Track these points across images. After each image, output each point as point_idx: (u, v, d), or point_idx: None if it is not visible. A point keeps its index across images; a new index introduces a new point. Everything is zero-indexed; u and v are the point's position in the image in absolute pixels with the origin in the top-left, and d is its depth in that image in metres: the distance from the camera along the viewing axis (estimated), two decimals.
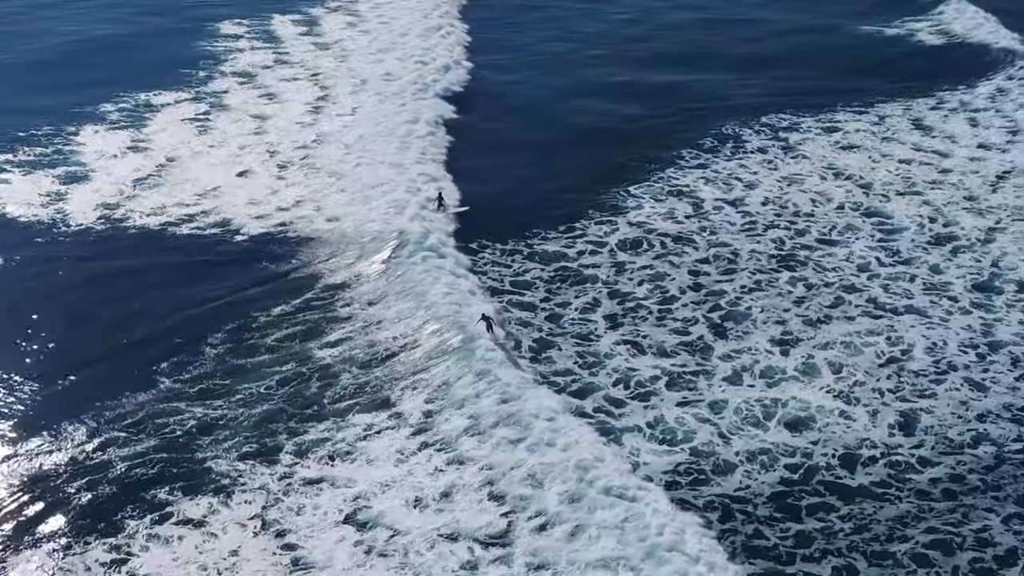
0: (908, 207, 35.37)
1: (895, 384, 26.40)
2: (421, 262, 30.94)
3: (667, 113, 42.81)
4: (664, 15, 56.53)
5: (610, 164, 37.91)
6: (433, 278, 30.01)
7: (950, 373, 26.86)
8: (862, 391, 26.07)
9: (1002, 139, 40.36)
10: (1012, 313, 29.45)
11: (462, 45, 50.71)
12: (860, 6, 57.09)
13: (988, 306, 29.78)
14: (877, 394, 25.97)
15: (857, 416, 25.15)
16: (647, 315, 29.29)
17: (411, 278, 30.25)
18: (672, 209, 35.18)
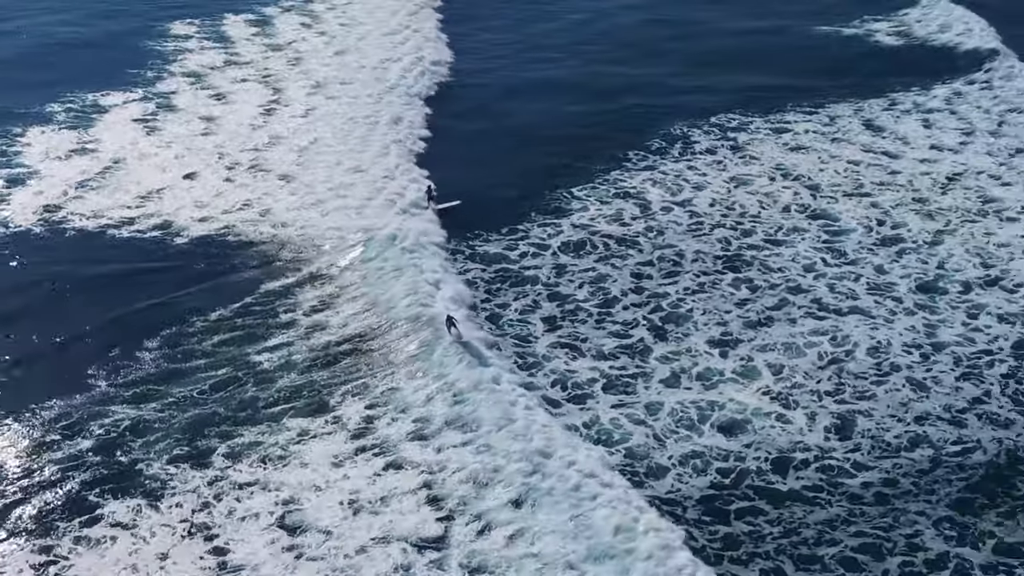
0: (856, 208, 35.61)
1: (835, 386, 26.63)
2: (370, 265, 30.98)
3: (615, 114, 43.01)
4: (616, 16, 56.52)
5: (555, 165, 38.15)
6: (381, 281, 30.09)
7: (892, 374, 27.16)
8: (801, 393, 26.29)
9: (954, 141, 40.65)
10: (956, 314, 29.74)
11: (419, 49, 50.26)
12: (817, 6, 57.08)
13: (932, 307, 30.08)
14: (816, 396, 26.21)
15: (794, 419, 25.38)
16: (587, 317, 29.43)
17: (359, 281, 30.30)
18: (618, 211, 35.31)
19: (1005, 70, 46.87)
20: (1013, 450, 24.55)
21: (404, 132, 40.59)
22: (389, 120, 41.63)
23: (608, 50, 51.34)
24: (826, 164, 38.87)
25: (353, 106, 43.20)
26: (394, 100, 43.72)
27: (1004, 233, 34.02)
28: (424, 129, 41.29)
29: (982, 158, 39.26)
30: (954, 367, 27.43)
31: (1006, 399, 26.29)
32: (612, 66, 48.93)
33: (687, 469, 23.77)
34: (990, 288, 31.07)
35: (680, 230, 34.15)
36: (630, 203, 35.91)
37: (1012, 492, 23.20)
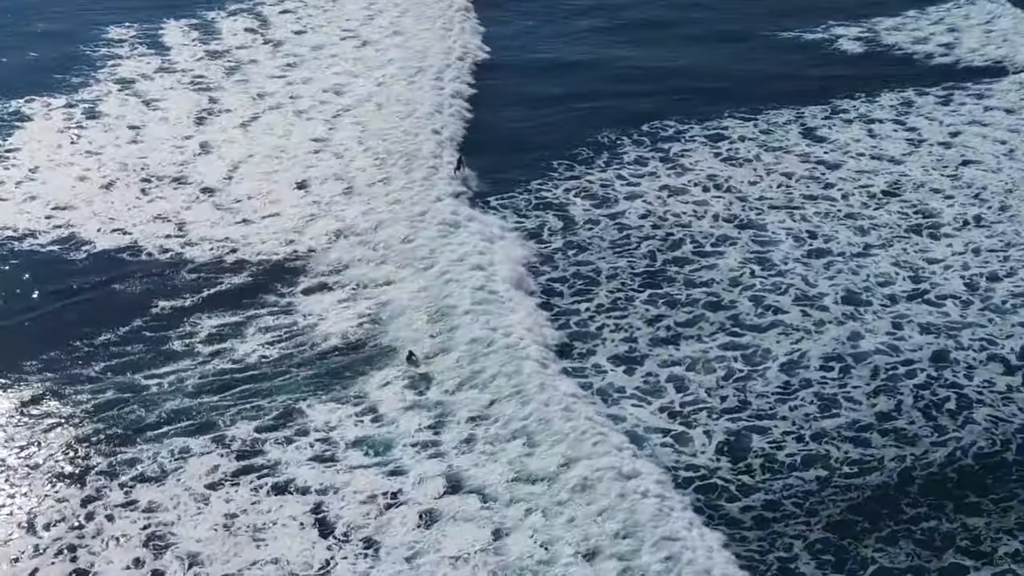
0: (786, 220, 35.79)
1: (739, 403, 26.82)
2: (287, 287, 31.44)
3: (540, 121, 43.46)
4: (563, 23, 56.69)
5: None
6: (295, 304, 30.65)
7: (802, 390, 27.40)
8: (701, 411, 26.52)
9: (898, 151, 40.89)
10: (879, 324, 29.98)
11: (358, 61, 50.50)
12: (783, 8, 57.49)
13: (859, 319, 30.37)
14: (715, 415, 26.43)
15: (689, 438, 25.61)
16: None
17: (273, 303, 30.77)
18: (540, 224, 35.65)
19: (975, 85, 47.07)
20: (910, 468, 24.75)
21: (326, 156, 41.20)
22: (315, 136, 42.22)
23: (541, 56, 51.81)
24: (760, 175, 39.11)
25: (292, 117, 43.73)
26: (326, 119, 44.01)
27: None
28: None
29: (926, 170, 39.60)
30: (870, 381, 27.71)
31: (917, 413, 26.57)
32: (541, 71, 49.65)
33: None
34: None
35: (603, 245, 34.44)
36: (551, 216, 36.23)
37: (898, 515, 23.35)
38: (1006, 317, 30.67)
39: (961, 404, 27.07)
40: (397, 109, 44.29)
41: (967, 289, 32.11)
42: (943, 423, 26.37)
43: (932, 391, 27.46)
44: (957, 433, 25.99)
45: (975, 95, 46.25)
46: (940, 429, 26.16)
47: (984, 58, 50.21)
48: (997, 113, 44.40)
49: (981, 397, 27.38)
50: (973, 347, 29.34)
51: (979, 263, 33.53)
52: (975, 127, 43.16)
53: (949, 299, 31.58)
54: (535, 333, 29.11)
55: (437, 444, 25.24)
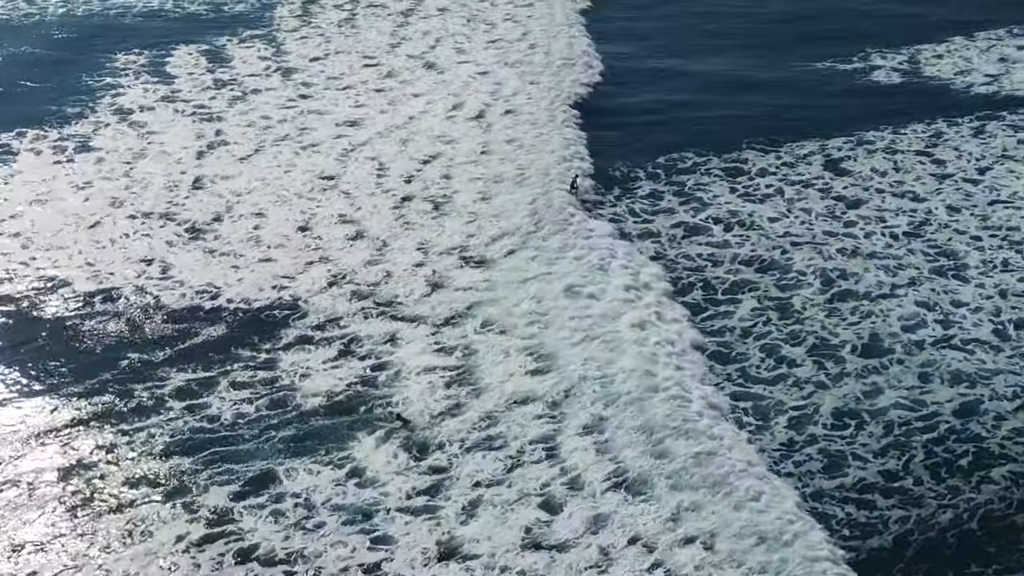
0: (808, 260, 34.90)
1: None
2: (270, 339, 30.38)
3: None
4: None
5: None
6: (278, 359, 29.72)
7: (807, 447, 26.54)
8: None
9: (923, 188, 39.74)
10: (901, 374, 29.12)
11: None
12: (819, 35, 55.86)
13: (880, 370, 29.62)
14: None
15: None
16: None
17: (252, 357, 29.73)
18: None
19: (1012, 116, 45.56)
20: (910, 532, 23.96)
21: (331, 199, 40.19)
22: (320, 173, 41.24)
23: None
24: (781, 211, 38.04)
25: (299, 152, 42.67)
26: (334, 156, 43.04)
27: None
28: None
29: (952, 208, 38.31)
30: (883, 436, 26.83)
31: (926, 471, 25.72)
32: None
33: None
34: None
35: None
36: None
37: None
38: None
39: (980, 460, 26.09)
40: (421, 146, 42.91)
41: (997, 335, 30.90)
42: (954, 483, 25.41)
43: (947, 447, 26.51)
44: (970, 493, 25.04)
45: (1011, 126, 44.69)
46: (952, 489, 25.20)
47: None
48: None
49: (1005, 451, 26.36)
50: (1005, 395, 28.34)
51: (1009, 308, 32.31)
52: (1008, 162, 41.66)
53: (977, 345, 30.47)
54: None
55: (434, 510, 24.38)
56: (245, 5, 61.04)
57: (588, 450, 25.99)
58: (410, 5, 60.56)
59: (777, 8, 60.66)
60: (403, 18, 58.60)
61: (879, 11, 59.09)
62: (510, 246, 35.21)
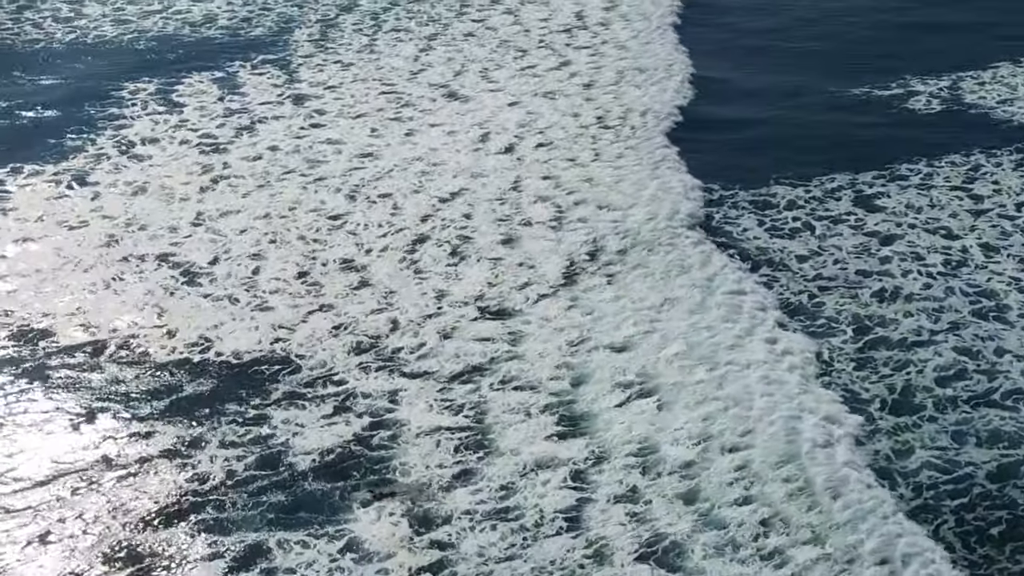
0: (839, 304, 33.13)
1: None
2: (262, 394, 28.94)
3: None
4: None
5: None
6: (270, 415, 28.33)
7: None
8: None
9: (958, 224, 37.83)
10: (934, 432, 27.46)
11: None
12: (859, 59, 53.98)
13: (911, 429, 27.72)
14: None
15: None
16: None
17: (241, 413, 28.36)
18: None
19: None
20: None
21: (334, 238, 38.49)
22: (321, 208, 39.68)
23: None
24: (811, 248, 36.46)
25: (314, 190, 41.15)
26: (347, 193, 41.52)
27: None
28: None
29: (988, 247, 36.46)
30: (910, 501, 25.26)
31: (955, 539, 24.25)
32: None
33: None
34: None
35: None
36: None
37: None
38: None
39: (1015, 528, 24.43)
40: (441, 184, 41.12)
41: None
42: (986, 551, 23.84)
43: (979, 513, 24.89)
44: (1005, 563, 23.53)
45: None
46: (985, 559, 23.69)
47: None
48: None
49: None
50: None
51: None
52: None
53: (1021, 399, 28.64)
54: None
55: None
56: (262, 29, 60.22)
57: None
58: (435, 30, 59.26)
59: (809, 30, 59.04)
60: (427, 43, 57.31)
61: (922, 34, 57.06)
62: (536, 294, 33.51)
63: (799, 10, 62.20)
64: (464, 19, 61.22)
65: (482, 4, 63.58)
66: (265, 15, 62.44)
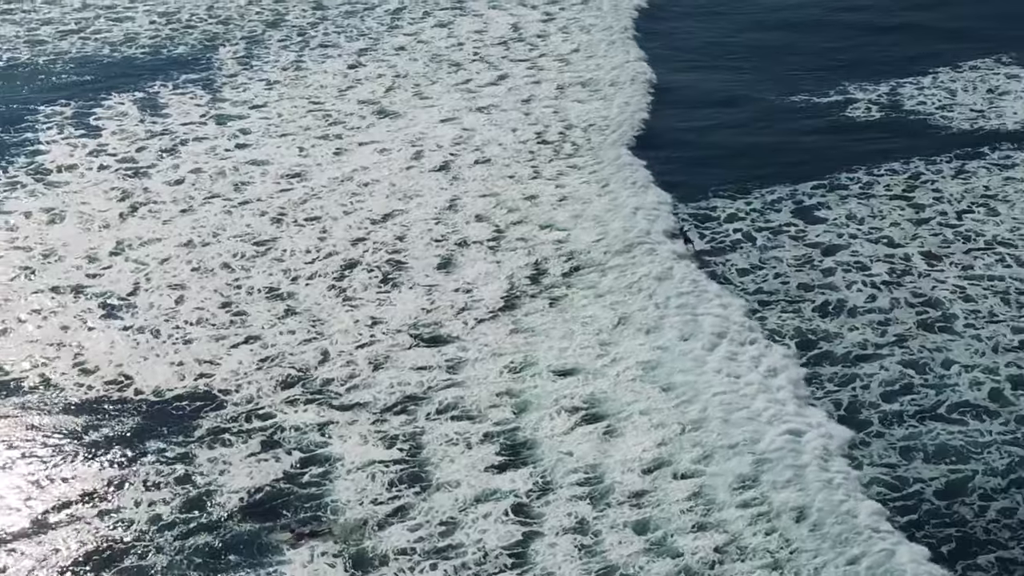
0: (779, 319, 32.98)
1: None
2: (186, 431, 28.13)
3: None
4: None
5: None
6: (195, 453, 27.52)
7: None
8: None
9: (899, 233, 37.93)
10: (881, 450, 27.17)
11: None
12: (799, 67, 54.20)
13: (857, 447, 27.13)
14: None
15: None
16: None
17: (164, 451, 27.58)
18: None
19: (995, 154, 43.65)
20: None
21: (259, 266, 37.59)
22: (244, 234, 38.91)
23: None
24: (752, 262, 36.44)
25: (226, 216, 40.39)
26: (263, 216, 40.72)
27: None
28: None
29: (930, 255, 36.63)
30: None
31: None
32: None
33: None
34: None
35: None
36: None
37: None
38: None
39: (966, 549, 24.42)
40: (372, 205, 40.48)
41: (990, 399, 29.17)
42: (938, 570, 23.48)
43: (928, 532, 24.85)
44: None
45: (994, 164, 42.96)
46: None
47: (1020, 124, 46.38)
48: (1019, 187, 41.04)
49: (992, 536, 24.82)
50: (997, 470, 26.68)
51: (1004, 365, 30.63)
52: (992, 201, 39.97)
53: (968, 412, 28.70)
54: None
55: None
56: (185, 48, 59.35)
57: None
58: (365, 45, 58.70)
59: (748, 39, 59.27)
60: (357, 58, 56.73)
61: (865, 39, 57.71)
62: (475, 319, 33.01)
63: (741, 18, 62.62)
64: (395, 33, 60.60)
65: (414, 17, 63.05)
66: (188, 33, 61.47)
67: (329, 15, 63.83)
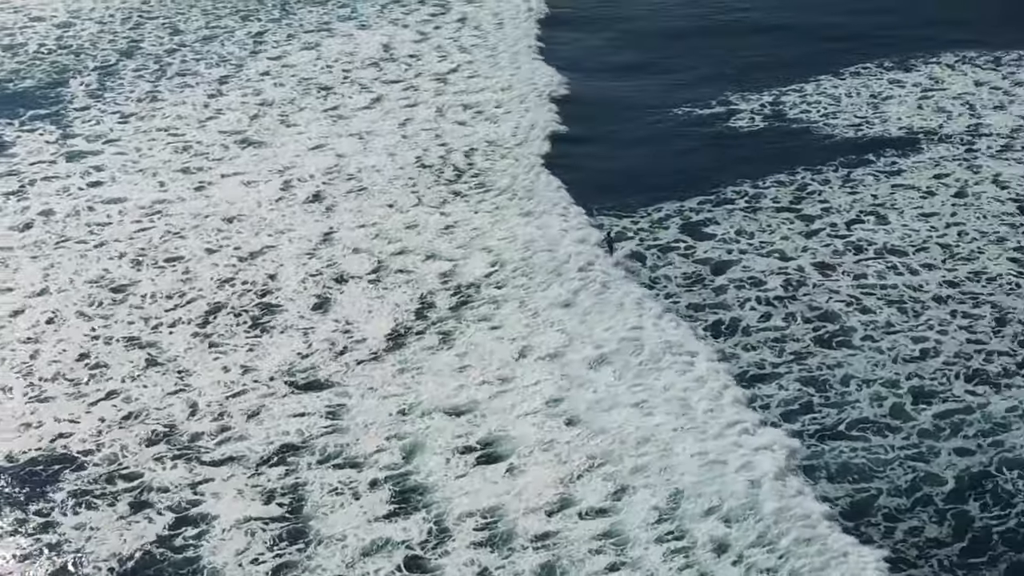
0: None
1: None
2: (49, 496, 26.87)
3: None
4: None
5: None
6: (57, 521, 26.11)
7: None
8: None
9: (790, 246, 38.10)
10: None
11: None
12: (679, 79, 54.40)
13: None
14: None
15: None
16: None
17: (24, 520, 26.16)
18: None
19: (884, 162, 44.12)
20: None
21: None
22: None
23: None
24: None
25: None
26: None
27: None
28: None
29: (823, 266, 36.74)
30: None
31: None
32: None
33: None
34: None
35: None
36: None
37: None
38: (940, 444, 28.03)
39: None
40: (240, 242, 39.37)
41: (891, 414, 29.22)
42: None
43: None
44: None
45: (881, 172, 43.52)
46: None
47: (904, 130, 46.96)
48: (907, 194, 41.60)
49: (902, 555, 24.69)
50: (901, 488, 26.56)
51: (905, 377, 30.74)
52: (881, 209, 40.42)
53: (870, 428, 28.70)
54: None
55: None
56: (32, 81, 57.54)
57: None
58: (227, 72, 57.45)
59: (633, 48, 59.72)
60: (218, 86, 55.45)
61: (744, 48, 58.32)
62: (356, 361, 32.06)
63: (623, 28, 62.93)
64: (259, 57, 59.54)
65: (278, 40, 62.07)
66: (36, 65, 59.60)
67: (187, 41, 62.47)
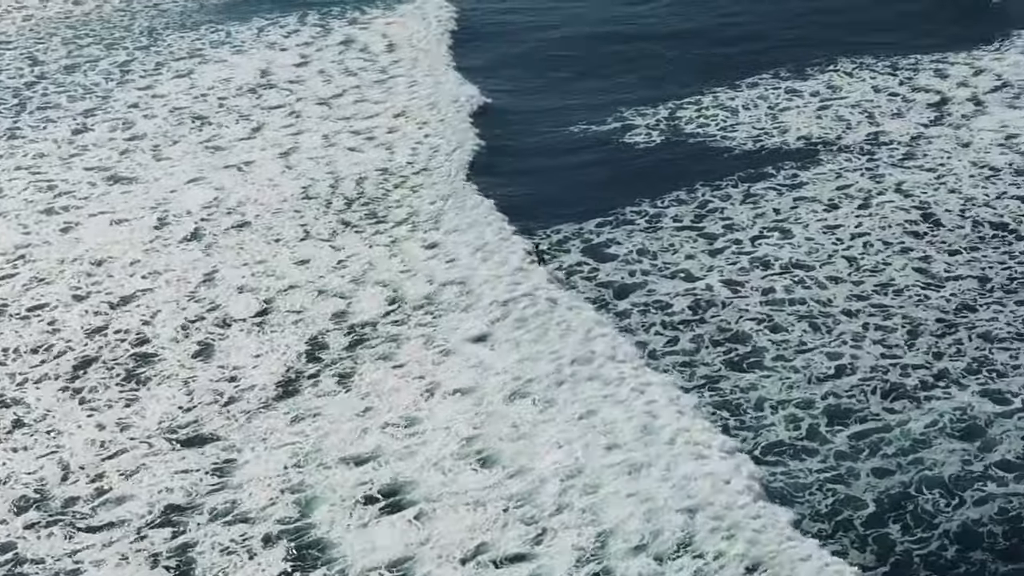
0: None
1: None
2: None
3: None
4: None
5: None
6: None
7: None
8: None
9: (696, 266, 38.20)
10: None
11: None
12: (575, 96, 54.28)
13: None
14: None
15: None
16: None
17: None
18: None
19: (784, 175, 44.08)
20: None
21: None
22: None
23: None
24: None
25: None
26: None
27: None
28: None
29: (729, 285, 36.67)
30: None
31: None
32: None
33: None
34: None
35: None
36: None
37: None
38: (859, 465, 27.90)
39: None
40: (111, 286, 37.95)
41: (808, 437, 29.10)
42: None
43: None
44: None
45: (782, 185, 43.55)
46: None
47: (804, 141, 47.00)
48: (810, 207, 41.68)
49: None
50: (820, 513, 26.52)
51: (821, 397, 30.58)
52: (784, 224, 40.46)
53: (786, 452, 28.51)
54: None
55: None
56: None
57: None
58: (92, 104, 55.87)
59: (527, 62, 59.73)
60: (83, 120, 53.84)
61: (639, 60, 58.39)
62: (243, 411, 30.98)
63: (512, 42, 62.76)
64: (126, 87, 58.04)
65: (147, 69, 60.63)
66: None
67: (48, 72, 60.71)
